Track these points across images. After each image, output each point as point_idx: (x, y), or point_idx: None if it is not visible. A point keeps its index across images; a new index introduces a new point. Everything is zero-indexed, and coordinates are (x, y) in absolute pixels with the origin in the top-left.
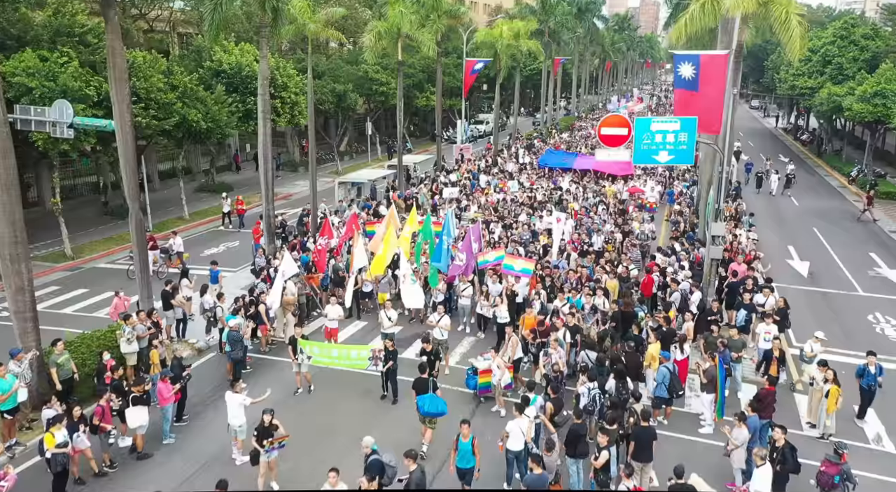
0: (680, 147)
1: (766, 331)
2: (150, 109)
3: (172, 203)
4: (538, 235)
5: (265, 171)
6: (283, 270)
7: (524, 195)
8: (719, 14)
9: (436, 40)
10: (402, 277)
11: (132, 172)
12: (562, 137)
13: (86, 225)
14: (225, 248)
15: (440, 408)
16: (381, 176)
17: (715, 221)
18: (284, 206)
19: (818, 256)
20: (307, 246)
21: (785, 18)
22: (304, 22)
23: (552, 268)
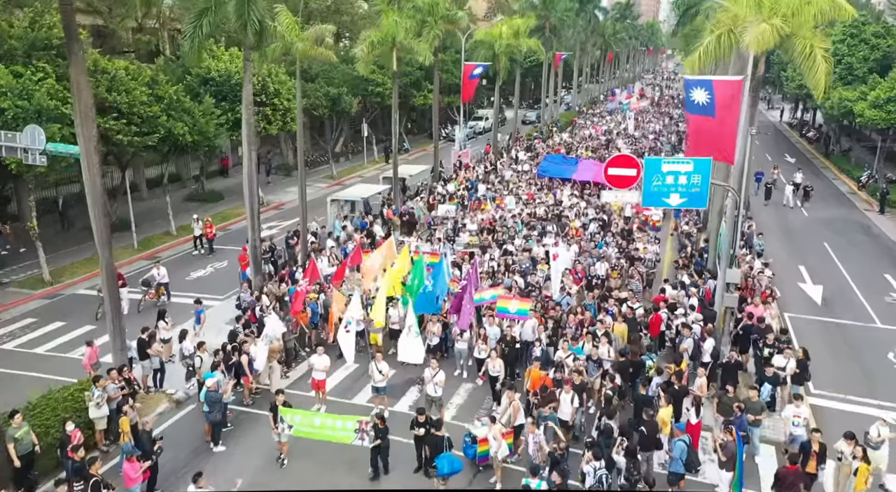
0: (692, 190)
1: (797, 415)
2: (133, 125)
3: (160, 214)
4: (538, 263)
5: (251, 196)
6: (267, 333)
7: (524, 213)
8: (735, 47)
9: (433, 46)
10: (407, 329)
11: (101, 216)
12: (562, 138)
13: (68, 242)
14: (212, 269)
15: (457, 467)
16: (377, 191)
17: (730, 267)
18: (275, 218)
19: (830, 277)
20: (296, 277)
21: (809, 53)
22: (291, 40)
23: (555, 305)
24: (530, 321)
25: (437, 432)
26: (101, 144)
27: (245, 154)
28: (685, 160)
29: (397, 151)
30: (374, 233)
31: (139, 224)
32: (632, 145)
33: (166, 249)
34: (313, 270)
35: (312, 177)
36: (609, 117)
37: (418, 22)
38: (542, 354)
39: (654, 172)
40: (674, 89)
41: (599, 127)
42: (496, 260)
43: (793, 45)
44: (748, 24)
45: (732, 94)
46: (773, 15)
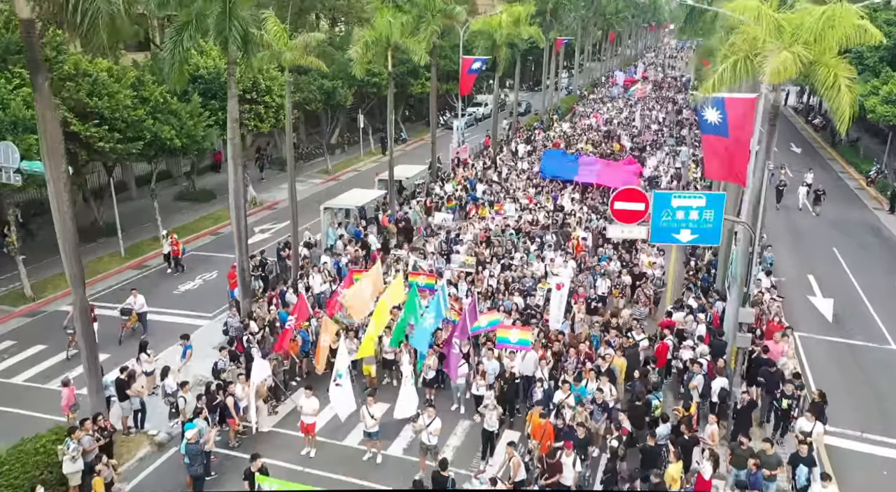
0: (705, 226)
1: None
2: (116, 130)
3: (149, 215)
4: (538, 280)
5: (237, 220)
6: (252, 378)
7: (523, 220)
8: (752, 74)
9: (430, 43)
10: (404, 379)
11: (73, 256)
12: (562, 128)
13: (52, 250)
14: (201, 282)
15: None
16: (371, 198)
17: (743, 306)
18: (269, 219)
19: (841, 288)
20: (286, 299)
21: (833, 82)
22: (279, 49)
23: (558, 334)
24: (532, 354)
25: (442, 471)
26: (83, 151)
27: (231, 172)
28: (697, 195)
29: (393, 142)
30: (370, 244)
31: (127, 228)
32: (634, 138)
33: (155, 257)
34: (302, 308)
35: (307, 171)
36: (610, 105)
37: (415, 17)
38: (544, 396)
39: (663, 207)
40: (676, 70)
41: (600, 116)
42: (496, 277)
43: (814, 73)
44: (768, 51)
45: (745, 113)
46: (794, 41)
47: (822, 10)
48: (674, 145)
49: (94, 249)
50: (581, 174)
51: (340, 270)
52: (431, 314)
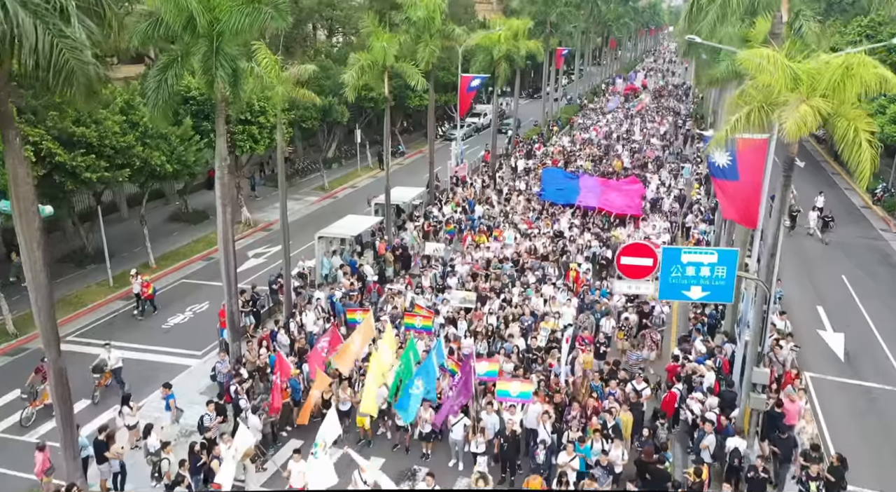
0: (717, 283)
1: None
2: (104, 158)
3: (141, 239)
4: (538, 317)
5: (227, 263)
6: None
7: (522, 247)
8: (768, 124)
9: (429, 64)
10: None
11: (47, 317)
12: (562, 144)
13: None
14: (191, 314)
15: None
16: (368, 226)
17: (758, 366)
18: (263, 242)
19: (852, 321)
20: (277, 338)
21: (853, 137)
22: (270, 82)
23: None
24: (534, 407)
25: None
26: (68, 180)
27: (220, 213)
28: (708, 251)
29: (390, 162)
30: (365, 275)
31: (117, 252)
32: (635, 154)
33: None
34: (283, 367)
35: (303, 188)
36: (610, 117)
37: (413, 37)
38: (546, 458)
39: (672, 263)
40: (677, 76)
41: (600, 129)
42: (495, 314)
43: (832, 125)
44: (785, 103)
45: (756, 155)
46: (812, 92)
47: (841, 60)
48: (675, 161)
49: (82, 276)
50: (582, 198)
51: (334, 304)
52: (421, 380)
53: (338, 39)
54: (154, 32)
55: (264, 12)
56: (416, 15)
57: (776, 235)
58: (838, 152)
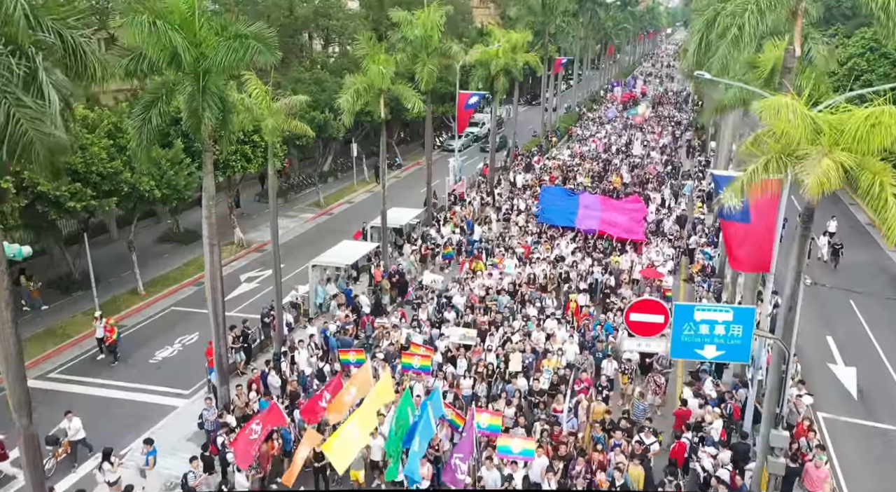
0: (732, 342)
1: None
2: (90, 185)
3: (130, 263)
4: (539, 354)
5: (215, 303)
6: None
7: (521, 278)
8: (787, 173)
9: (428, 84)
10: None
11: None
12: (562, 159)
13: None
14: (180, 347)
15: None
16: (364, 253)
17: (775, 428)
18: (255, 264)
19: (863, 353)
20: (269, 382)
21: (879, 191)
22: (261, 114)
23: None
24: (538, 461)
25: None
26: (52, 210)
27: (207, 254)
28: (724, 308)
29: (385, 170)
30: (360, 306)
31: (104, 277)
32: (634, 169)
33: (132, 315)
34: (275, 415)
35: (297, 205)
36: (609, 128)
37: (410, 56)
38: None
39: (685, 321)
40: (675, 82)
41: (599, 140)
42: (494, 351)
43: (855, 178)
44: (806, 156)
45: (769, 196)
46: (834, 145)
47: (866, 113)
48: (675, 175)
49: (68, 304)
50: (581, 219)
51: (328, 339)
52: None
53: (334, 49)
54: (137, 67)
55: (252, 47)
56: (412, 34)
57: (795, 289)
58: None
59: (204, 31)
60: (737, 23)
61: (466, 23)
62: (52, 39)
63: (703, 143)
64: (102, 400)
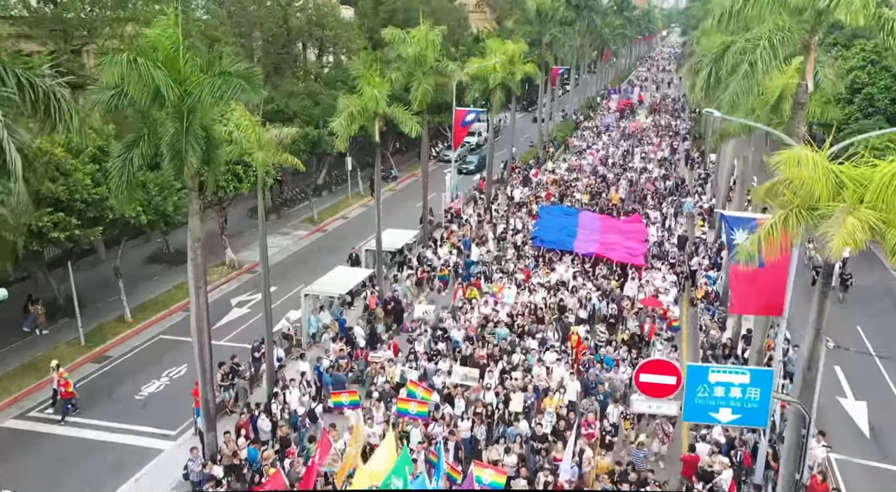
0: (749, 406)
1: None
2: (73, 213)
3: (117, 287)
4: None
5: (200, 348)
6: None
7: (519, 304)
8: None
9: (424, 103)
10: None
11: None
12: (560, 174)
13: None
14: (168, 381)
15: None
16: (359, 281)
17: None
18: (248, 286)
19: (873, 386)
20: (259, 426)
21: None
22: (248, 147)
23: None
24: None
25: None
26: (34, 241)
27: (193, 297)
28: (740, 370)
29: (381, 193)
30: (355, 338)
31: (90, 303)
32: (633, 184)
33: (118, 344)
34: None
35: (291, 221)
36: (606, 138)
37: (405, 74)
38: None
39: (698, 382)
40: (672, 88)
41: (596, 153)
42: (493, 389)
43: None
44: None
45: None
46: (857, 202)
47: (892, 167)
48: (673, 191)
49: (52, 334)
50: (580, 242)
51: (321, 374)
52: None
53: (328, 59)
54: (118, 103)
55: (235, 84)
56: (407, 52)
57: (815, 346)
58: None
59: (189, 67)
60: (748, 58)
61: (462, 29)
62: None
63: (703, 153)
64: (83, 443)
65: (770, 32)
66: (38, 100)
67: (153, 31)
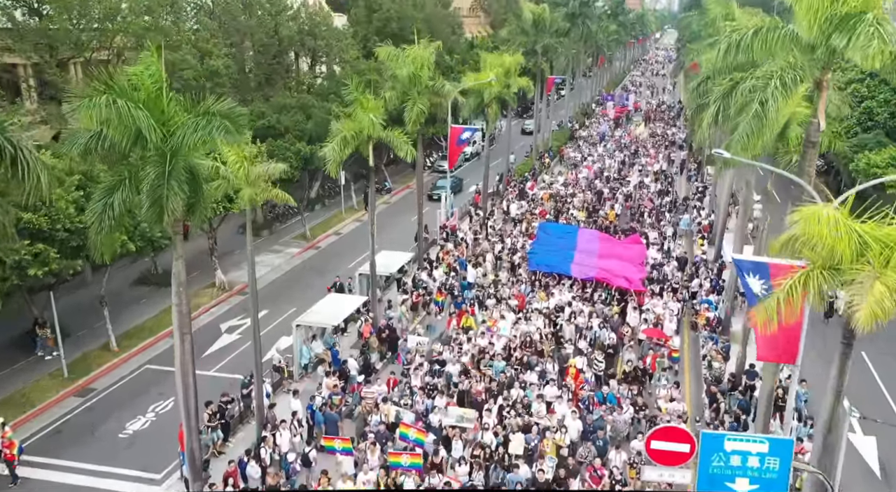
0: (767, 475)
1: None
2: (55, 245)
3: (102, 314)
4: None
5: (185, 399)
6: None
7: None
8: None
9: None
10: None
11: None
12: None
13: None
14: (153, 417)
15: None
16: (351, 311)
17: None
18: (238, 309)
19: (882, 415)
20: (247, 473)
21: None
22: (236, 184)
23: None
24: None
25: None
26: (13, 275)
27: (177, 343)
28: (758, 439)
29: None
30: (348, 371)
31: (74, 330)
32: (628, 199)
33: (103, 375)
34: None
35: (283, 236)
36: (602, 149)
37: (399, 94)
38: None
39: (714, 451)
40: (667, 94)
41: (592, 165)
42: (491, 429)
43: None
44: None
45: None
46: (884, 265)
47: None
48: (670, 209)
49: (32, 364)
50: (577, 266)
51: (314, 413)
52: None
53: (321, 69)
54: (97, 146)
55: (220, 125)
56: (401, 72)
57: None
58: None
59: (172, 107)
60: (758, 98)
61: (457, 36)
62: None
63: (700, 164)
64: (65, 489)
65: (782, 70)
66: (4, 159)
67: (135, 69)
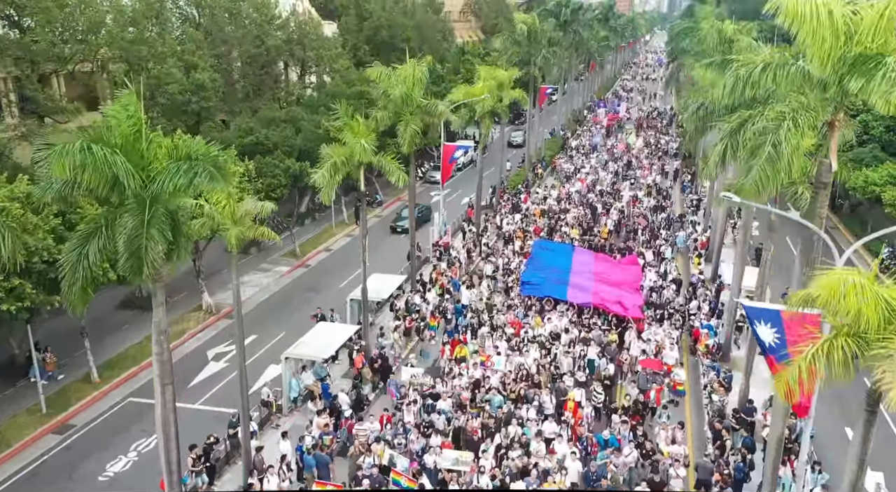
0: None
1: None
2: (31, 279)
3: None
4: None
5: (167, 452)
6: None
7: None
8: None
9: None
10: None
11: None
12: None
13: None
14: (135, 456)
15: None
16: (342, 342)
17: None
18: (226, 334)
19: (889, 450)
20: None
21: None
22: (222, 224)
23: None
24: None
25: None
26: None
27: (158, 396)
28: None
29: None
30: (339, 406)
31: (57, 359)
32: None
33: (83, 410)
34: None
35: (271, 254)
36: (594, 160)
37: (392, 114)
38: None
39: None
40: (659, 100)
41: (585, 177)
42: (488, 472)
43: None
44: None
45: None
46: None
47: None
48: (665, 226)
49: (9, 398)
50: (573, 290)
51: (303, 456)
52: None
53: (311, 79)
54: (72, 193)
55: (202, 171)
56: (393, 93)
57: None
58: None
59: (153, 150)
60: (771, 140)
61: (448, 43)
62: None
63: (694, 174)
64: None
65: (794, 111)
66: None
67: (112, 109)
